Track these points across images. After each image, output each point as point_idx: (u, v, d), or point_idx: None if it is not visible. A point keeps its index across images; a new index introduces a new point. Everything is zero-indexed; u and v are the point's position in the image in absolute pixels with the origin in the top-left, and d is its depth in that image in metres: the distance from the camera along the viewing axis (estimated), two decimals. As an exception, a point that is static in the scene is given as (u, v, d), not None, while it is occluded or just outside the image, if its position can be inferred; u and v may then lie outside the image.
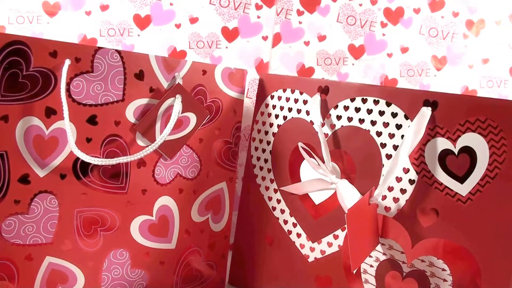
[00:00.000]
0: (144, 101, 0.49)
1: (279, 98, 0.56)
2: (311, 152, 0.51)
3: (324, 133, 0.51)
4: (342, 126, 0.50)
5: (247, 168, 0.60)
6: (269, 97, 0.58)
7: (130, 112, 0.48)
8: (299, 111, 0.54)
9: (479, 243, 0.42)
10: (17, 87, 0.42)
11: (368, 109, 0.48)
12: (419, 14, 0.72)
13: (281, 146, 0.56)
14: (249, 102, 0.69)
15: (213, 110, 0.55)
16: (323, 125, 0.51)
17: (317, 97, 0.52)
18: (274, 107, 0.57)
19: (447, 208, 0.43)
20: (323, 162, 0.49)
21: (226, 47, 0.69)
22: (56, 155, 0.45)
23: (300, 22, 0.70)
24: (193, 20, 0.68)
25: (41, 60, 0.42)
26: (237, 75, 0.57)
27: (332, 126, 0.51)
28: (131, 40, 0.67)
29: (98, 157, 0.46)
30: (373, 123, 0.48)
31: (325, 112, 0.52)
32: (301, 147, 0.51)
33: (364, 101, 0.49)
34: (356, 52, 0.71)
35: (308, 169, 0.53)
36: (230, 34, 0.69)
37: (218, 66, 0.55)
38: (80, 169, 0.46)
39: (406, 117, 0.46)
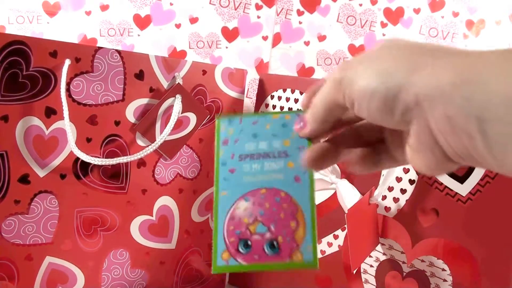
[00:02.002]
0: (144, 101, 0.49)
1: (279, 98, 0.56)
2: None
3: (324, 133, 0.51)
4: (342, 126, 0.50)
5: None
6: (269, 97, 0.58)
7: (130, 112, 0.48)
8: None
9: (479, 243, 0.42)
10: (17, 87, 0.42)
11: (368, 109, 0.48)
12: (419, 14, 0.72)
13: (281, 146, 0.56)
14: (249, 102, 0.69)
15: (213, 110, 0.55)
16: (323, 125, 0.51)
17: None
18: (274, 107, 0.57)
19: (447, 208, 0.43)
20: (323, 162, 0.49)
21: (226, 47, 0.69)
22: (56, 155, 0.45)
23: (300, 22, 0.70)
24: (193, 20, 0.68)
25: (41, 60, 0.42)
26: (237, 75, 0.57)
27: (332, 126, 0.51)
28: (131, 40, 0.67)
29: (98, 157, 0.46)
30: (373, 123, 0.48)
31: (325, 112, 0.51)
32: (301, 147, 0.51)
33: (364, 101, 0.48)
34: (356, 52, 0.71)
35: (308, 169, 0.52)
36: (230, 34, 0.69)
37: (218, 66, 0.55)
38: (80, 169, 0.46)
39: (406, 117, 0.46)
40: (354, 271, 0.49)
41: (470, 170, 0.42)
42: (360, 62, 0.26)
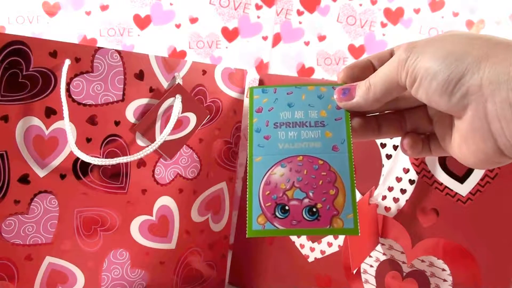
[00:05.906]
0: (144, 101, 0.49)
1: (279, 98, 0.56)
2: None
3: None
4: (342, 126, 0.50)
5: (247, 168, 0.60)
6: (269, 97, 0.57)
7: (130, 112, 0.48)
8: (299, 111, 0.54)
9: (479, 243, 0.42)
10: (17, 87, 0.42)
11: (368, 109, 0.48)
12: (419, 14, 0.72)
13: (281, 146, 0.56)
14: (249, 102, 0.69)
15: (213, 110, 0.55)
16: (323, 125, 0.51)
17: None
18: (274, 107, 0.57)
19: (447, 208, 0.43)
20: (323, 162, 0.49)
21: (226, 47, 0.69)
22: (56, 155, 0.45)
23: (300, 22, 0.70)
24: (193, 20, 0.68)
25: (41, 60, 0.42)
26: (237, 75, 0.57)
27: (332, 126, 0.51)
28: (131, 40, 0.67)
29: (98, 157, 0.46)
30: (373, 123, 0.48)
31: (325, 112, 0.51)
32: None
33: (364, 101, 0.48)
34: (356, 52, 0.71)
35: (308, 169, 0.52)
36: (230, 34, 0.69)
37: (218, 66, 0.55)
38: (80, 169, 0.46)
39: (406, 117, 0.46)
40: (354, 271, 0.49)
41: (470, 170, 0.42)
42: (429, 43, 0.26)
